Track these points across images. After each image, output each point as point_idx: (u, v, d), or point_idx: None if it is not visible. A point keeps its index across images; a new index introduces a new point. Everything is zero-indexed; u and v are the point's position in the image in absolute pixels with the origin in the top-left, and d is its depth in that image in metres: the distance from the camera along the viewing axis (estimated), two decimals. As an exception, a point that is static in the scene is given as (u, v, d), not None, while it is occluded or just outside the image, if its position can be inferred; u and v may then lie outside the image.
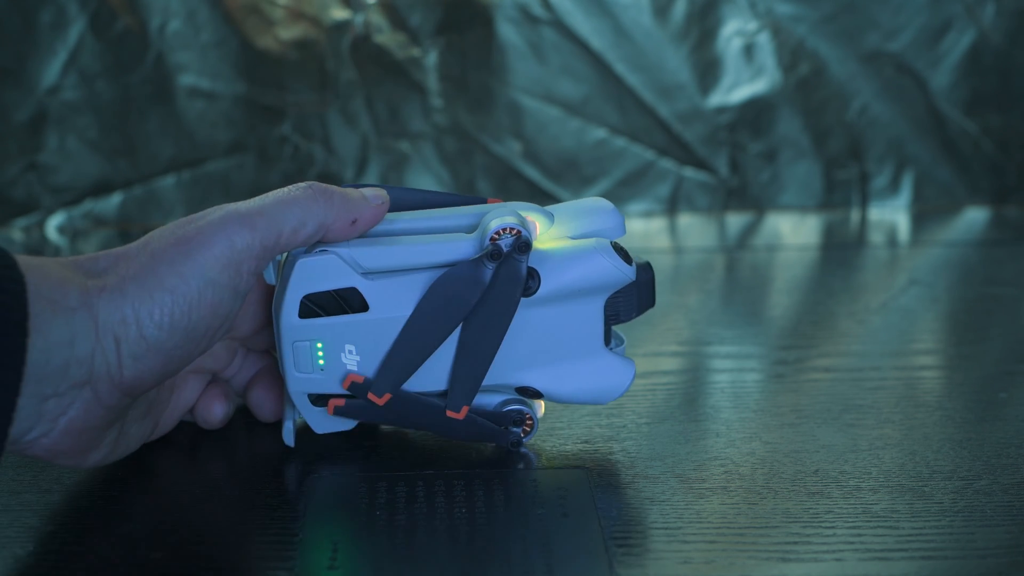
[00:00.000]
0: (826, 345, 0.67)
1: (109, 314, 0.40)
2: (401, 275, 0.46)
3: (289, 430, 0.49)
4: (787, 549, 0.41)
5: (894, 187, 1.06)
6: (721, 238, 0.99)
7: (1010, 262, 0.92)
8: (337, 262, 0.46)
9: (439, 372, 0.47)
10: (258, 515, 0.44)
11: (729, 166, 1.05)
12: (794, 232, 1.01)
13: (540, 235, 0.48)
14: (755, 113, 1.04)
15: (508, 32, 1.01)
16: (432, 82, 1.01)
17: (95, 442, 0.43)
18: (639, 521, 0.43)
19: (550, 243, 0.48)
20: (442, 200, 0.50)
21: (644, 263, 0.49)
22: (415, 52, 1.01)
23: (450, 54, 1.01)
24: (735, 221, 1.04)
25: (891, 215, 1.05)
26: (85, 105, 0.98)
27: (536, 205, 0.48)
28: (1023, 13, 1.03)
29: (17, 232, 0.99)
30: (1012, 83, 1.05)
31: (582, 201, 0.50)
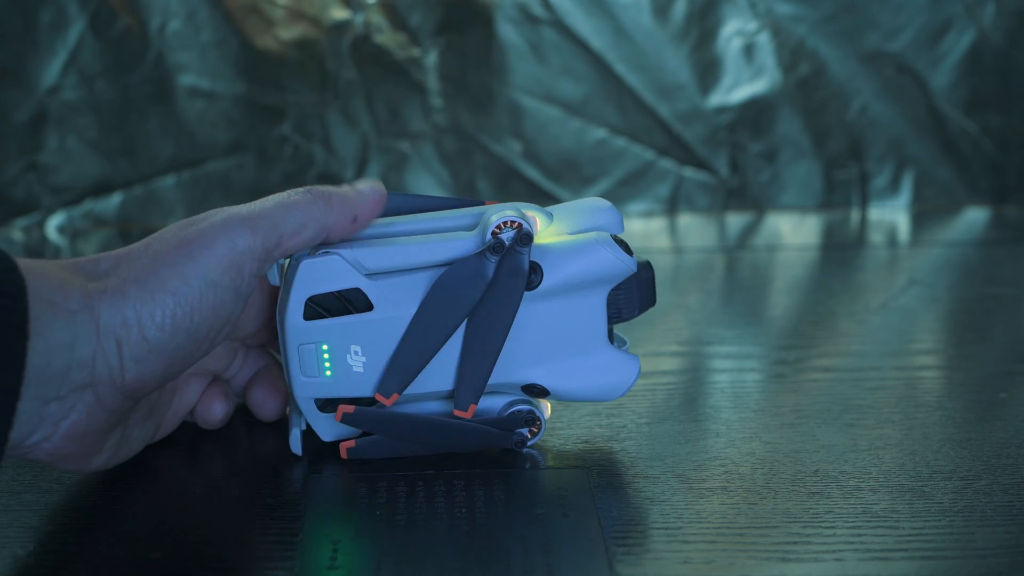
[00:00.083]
0: (826, 345, 0.67)
1: (110, 316, 0.40)
2: (404, 275, 0.47)
3: (296, 438, 0.49)
4: (787, 549, 0.41)
5: (894, 187, 1.06)
6: (721, 238, 0.99)
7: (1010, 262, 0.92)
8: (340, 263, 0.46)
9: (446, 372, 0.47)
10: (258, 515, 0.44)
11: (729, 166, 1.05)
12: (794, 232, 1.01)
13: (540, 232, 0.48)
14: (755, 113, 1.04)
15: (508, 32, 1.01)
16: (432, 82, 1.01)
17: (97, 446, 0.43)
18: (639, 521, 0.43)
19: (551, 238, 0.48)
20: (440, 204, 0.50)
21: (644, 262, 0.49)
22: (415, 52, 1.01)
23: (450, 54, 1.01)
24: (735, 221, 1.04)
25: (891, 215, 1.05)
26: (85, 105, 0.98)
27: (535, 205, 0.48)
28: (1023, 13, 1.03)
29: (17, 232, 0.99)
30: (1012, 83, 1.05)
31: (580, 201, 0.50)
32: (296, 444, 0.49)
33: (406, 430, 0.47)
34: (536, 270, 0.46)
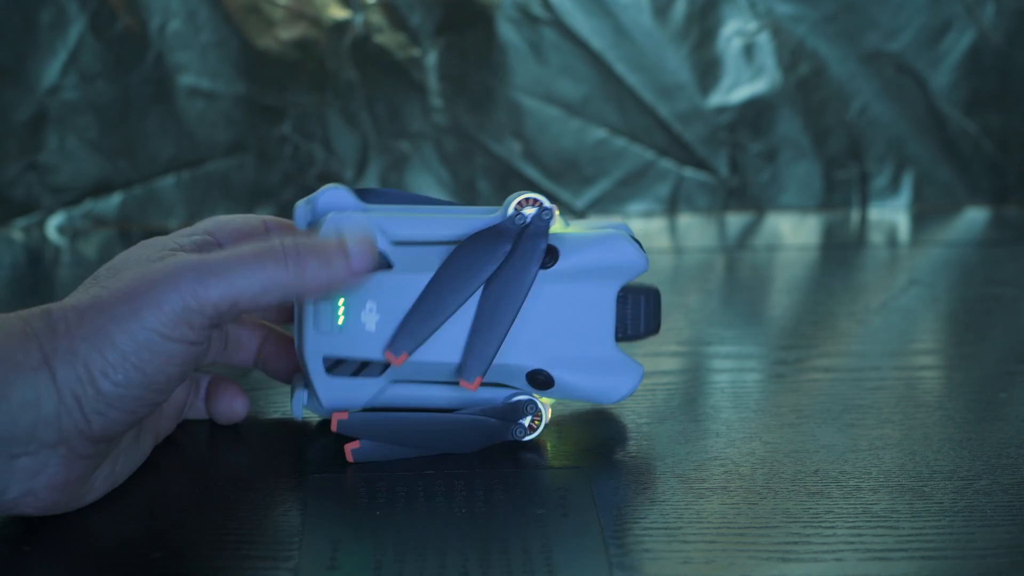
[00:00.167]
0: (826, 345, 0.67)
1: (66, 374, 0.40)
2: (427, 246, 0.48)
3: (299, 400, 0.50)
4: (787, 549, 0.41)
5: (894, 187, 1.06)
6: (721, 238, 0.99)
7: (1010, 262, 0.92)
8: (368, 223, 0.47)
9: (455, 341, 0.48)
10: (258, 515, 0.44)
11: (729, 166, 1.05)
12: (794, 232, 1.01)
13: (557, 229, 0.49)
14: (755, 113, 1.04)
15: (508, 32, 1.01)
16: (432, 82, 1.01)
17: (86, 487, 0.43)
18: (639, 521, 0.43)
19: (569, 230, 0.49)
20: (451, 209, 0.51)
21: (655, 287, 0.51)
22: (415, 52, 1.01)
23: (450, 54, 1.01)
24: (735, 221, 1.04)
25: (891, 215, 1.05)
26: (85, 105, 0.98)
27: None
28: (1023, 13, 1.03)
29: (17, 232, 0.99)
30: (1012, 83, 1.05)
31: (595, 222, 0.52)
32: (298, 408, 0.50)
33: (404, 433, 0.48)
34: (552, 252, 0.48)
